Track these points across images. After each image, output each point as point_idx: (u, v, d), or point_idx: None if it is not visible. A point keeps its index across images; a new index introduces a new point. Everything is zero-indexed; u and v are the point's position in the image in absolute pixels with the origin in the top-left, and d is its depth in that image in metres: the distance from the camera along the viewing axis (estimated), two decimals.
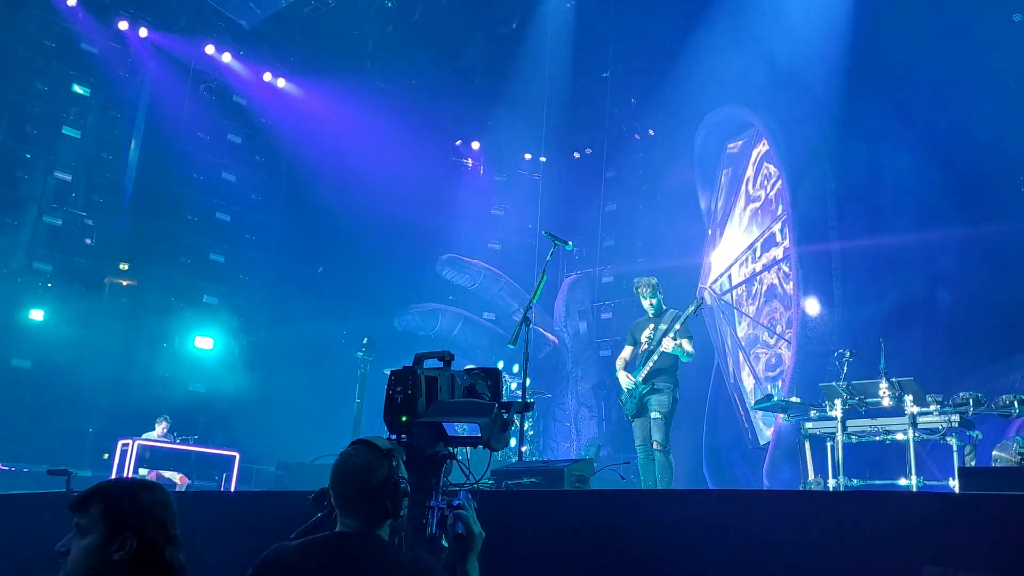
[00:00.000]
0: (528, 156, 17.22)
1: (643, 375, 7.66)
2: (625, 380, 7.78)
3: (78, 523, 2.34)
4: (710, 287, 13.65)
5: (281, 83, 15.01)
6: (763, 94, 12.06)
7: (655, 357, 7.65)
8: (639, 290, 8.02)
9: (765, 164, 12.85)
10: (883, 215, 10.49)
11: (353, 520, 2.62)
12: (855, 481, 7.50)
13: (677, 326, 7.61)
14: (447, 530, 2.64)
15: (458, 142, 17.03)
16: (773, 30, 11.46)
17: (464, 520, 2.63)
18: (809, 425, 7.90)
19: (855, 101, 10.83)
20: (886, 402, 7.32)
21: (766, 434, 11.74)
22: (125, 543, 2.31)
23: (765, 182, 12.86)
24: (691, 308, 7.78)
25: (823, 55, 10.70)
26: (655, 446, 7.45)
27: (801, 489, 7.81)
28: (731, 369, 13.16)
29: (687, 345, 7.61)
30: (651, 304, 7.92)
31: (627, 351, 8.08)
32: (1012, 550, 3.04)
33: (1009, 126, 9.73)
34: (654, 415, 7.53)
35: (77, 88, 12.80)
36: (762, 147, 12.95)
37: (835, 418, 7.56)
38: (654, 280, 8.02)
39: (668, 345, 7.55)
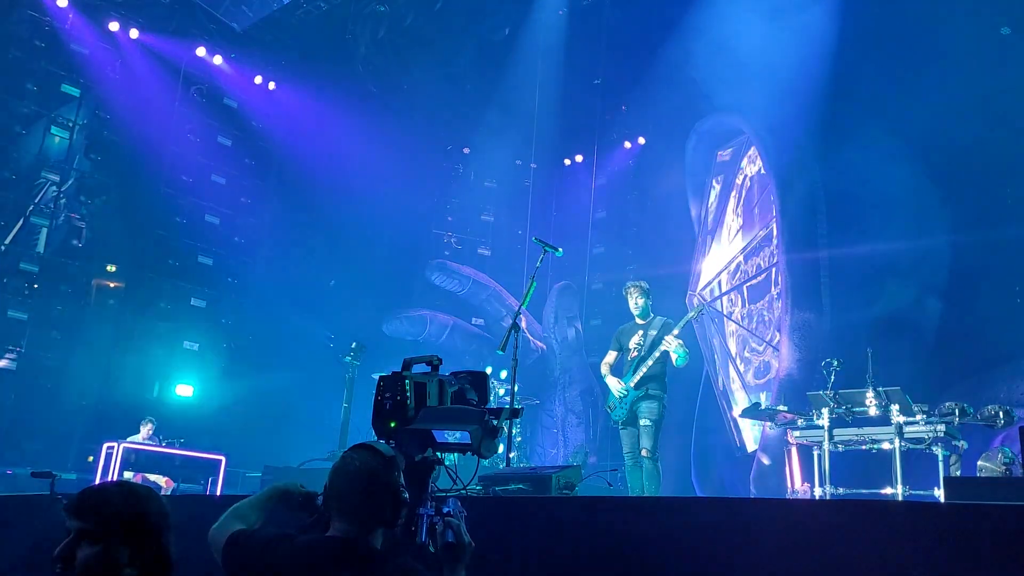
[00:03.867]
0: (519, 162, 17.22)
1: (635, 381, 7.66)
2: (616, 385, 7.76)
3: (85, 528, 2.29)
4: (700, 294, 13.69)
5: (272, 86, 14.99)
6: (753, 101, 12.11)
7: (649, 363, 7.65)
8: (629, 292, 8.01)
9: (756, 171, 12.91)
10: (872, 223, 10.56)
11: (347, 524, 2.61)
12: (841, 490, 7.52)
13: (675, 331, 7.64)
14: (436, 538, 2.64)
15: (449, 147, 17.03)
16: (763, 37, 11.52)
17: (455, 529, 2.63)
18: (796, 434, 7.93)
19: (844, 109, 10.90)
20: (872, 411, 7.36)
21: (753, 442, 11.77)
22: (143, 552, 2.31)
23: (755, 189, 12.92)
24: (693, 312, 7.89)
25: (813, 63, 10.76)
26: (644, 453, 7.45)
27: (788, 497, 7.83)
28: (719, 376, 13.18)
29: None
30: (639, 308, 7.92)
31: (611, 356, 8.07)
32: (997, 560, 3.05)
33: (997, 136, 9.82)
34: (644, 422, 7.52)
35: (67, 88, 12.75)
36: (752, 154, 13.01)
37: (822, 427, 7.59)
38: (645, 284, 8.04)
39: (672, 344, 7.56)
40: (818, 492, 7.51)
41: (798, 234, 11.31)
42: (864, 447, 7.52)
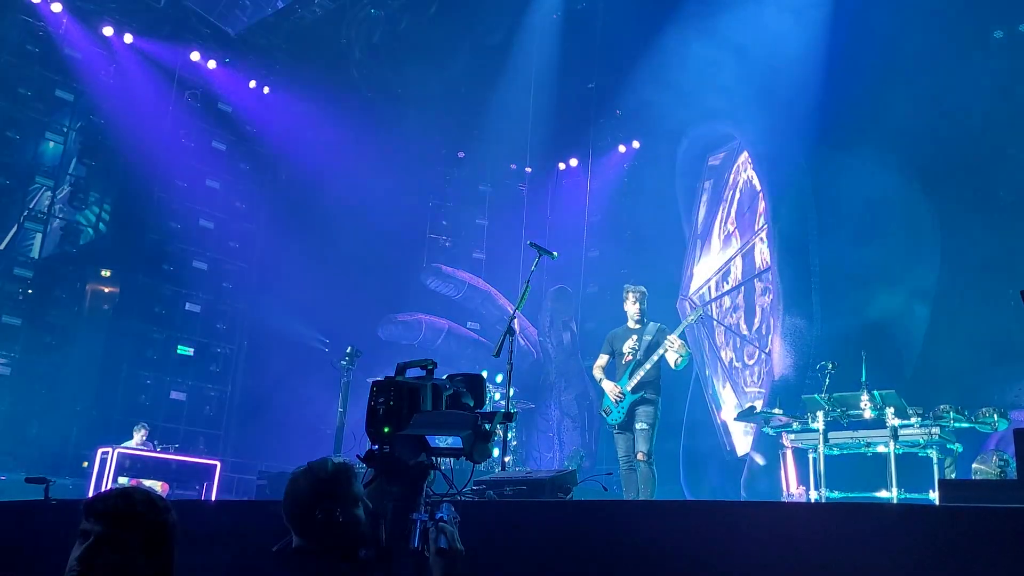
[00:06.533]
0: (513, 166, 17.24)
1: (632, 385, 7.67)
2: (612, 389, 7.77)
3: (108, 533, 2.28)
4: (691, 298, 13.70)
5: (266, 91, 14.98)
6: (746, 107, 12.14)
7: (647, 366, 7.67)
8: (629, 294, 8.04)
9: (747, 177, 12.92)
10: (862, 229, 10.58)
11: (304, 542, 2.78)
12: (836, 493, 7.53)
13: (676, 333, 7.70)
14: (429, 543, 2.63)
15: (443, 151, 17.02)
16: (757, 44, 11.55)
17: (447, 535, 2.63)
18: (791, 437, 7.94)
19: (835, 116, 10.92)
20: (867, 414, 7.37)
21: (744, 445, 11.77)
22: (157, 560, 2.31)
23: (746, 195, 12.93)
24: (692, 316, 7.99)
25: (805, 70, 10.79)
26: (640, 457, 7.46)
27: (783, 501, 7.85)
28: (709, 380, 13.20)
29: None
30: (636, 311, 7.95)
31: (603, 359, 8.08)
32: (991, 562, 3.05)
33: (990, 142, 9.84)
34: (640, 426, 7.54)
35: (61, 93, 12.73)
36: (744, 160, 13.03)
37: (817, 430, 7.61)
38: (643, 289, 8.08)
39: (676, 344, 7.61)
40: (813, 495, 7.52)
41: (789, 239, 11.34)
42: (859, 450, 7.53)
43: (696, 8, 12.39)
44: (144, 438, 10.89)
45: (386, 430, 2.92)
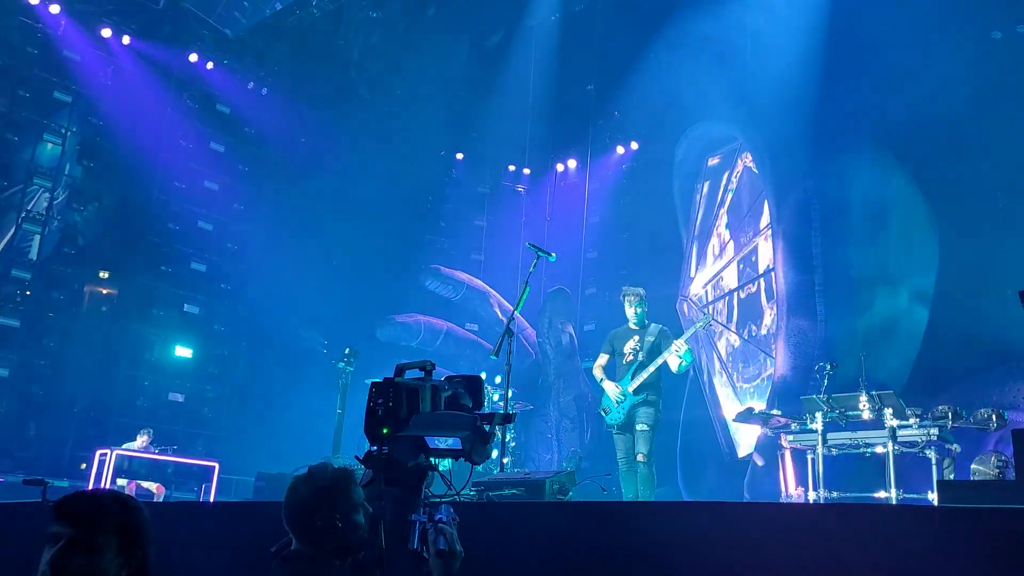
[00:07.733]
0: (512, 168, 17.24)
1: (634, 386, 7.69)
2: (613, 390, 7.78)
3: (79, 536, 2.25)
4: (690, 299, 13.69)
5: (265, 92, 14.97)
6: (747, 109, 12.13)
7: (651, 369, 7.68)
8: (627, 298, 8.06)
9: (747, 178, 12.92)
10: (863, 231, 10.59)
11: (304, 546, 2.81)
12: (835, 494, 7.53)
13: (683, 339, 7.70)
14: (428, 545, 2.64)
15: (442, 152, 17.02)
16: (757, 45, 11.56)
17: (446, 536, 2.63)
18: (790, 438, 7.93)
19: (837, 117, 10.92)
20: (866, 415, 7.36)
21: (745, 446, 11.76)
22: (132, 560, 2.29)
23: (748, 195, 12.92)
24: (701, 323, 8.01)
25: (804, 72, 10.79)
26: (639, 458, 7.48)
27: (782, 501, 7.84)
28: (707, 380, 13.18)
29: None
30: (636, 313, 7.96)
31: (603, 359, 8.11)
32: (990, 563, 3.05)
33: (988, 144, 9.84)
34: (641, 427, 7.56)
35: (59, 95, 12.72)
36: (744, 161, 13.01)
37: (816, 431, 7.60)
38: (642, 291, 8.09)
39: (683, 349, 7.61)
40: (812, 496, 7.52)
41: (792, 241, 11.33)
42: (858, 451, 7.53)
43: (695, 9, 12.39)
44: (147, 442, 10.87)
45: (385, 431, 2.92)
